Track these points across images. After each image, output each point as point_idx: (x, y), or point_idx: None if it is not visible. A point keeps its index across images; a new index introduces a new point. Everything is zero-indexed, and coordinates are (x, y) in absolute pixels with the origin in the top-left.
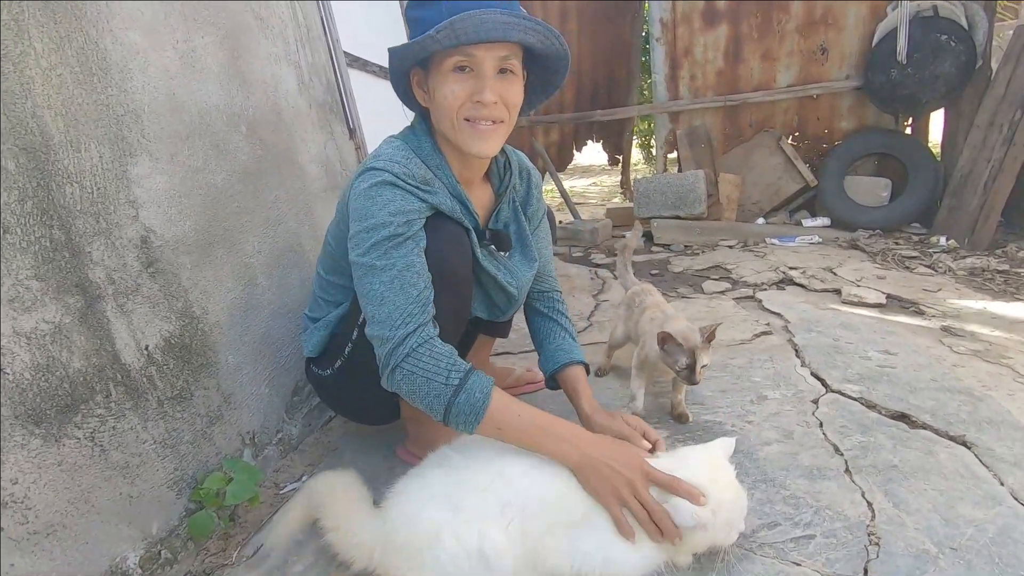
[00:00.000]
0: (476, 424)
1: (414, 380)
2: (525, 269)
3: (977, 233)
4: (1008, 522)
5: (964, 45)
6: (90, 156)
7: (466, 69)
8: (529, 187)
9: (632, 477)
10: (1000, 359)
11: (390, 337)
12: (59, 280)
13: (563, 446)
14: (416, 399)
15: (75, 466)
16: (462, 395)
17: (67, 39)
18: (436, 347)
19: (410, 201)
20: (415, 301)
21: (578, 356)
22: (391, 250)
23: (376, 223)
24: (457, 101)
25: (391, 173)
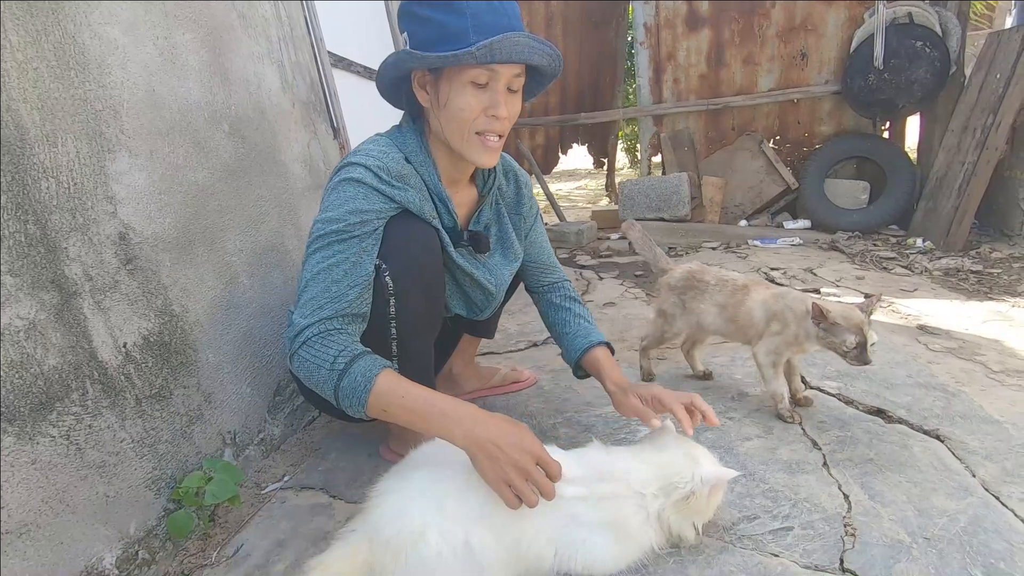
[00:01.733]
0: (362, 407)
1: (307, 367)
2: (504, 267)
3: (952, 235)
4: (979, 512)
5: (938, 51)
6: (67, 151)
7: (482, 83)
8: (519, 187)
9: (519, 460)
10: (973, 356)
11: (296, 323)
12: (34, 276)
13: (449, 426)
14: (312, 385)
15: (50, 465)
16: (346, 379)
17: (44, 33)
18: (331, 337)
19: (372, 201)
20: (331, 297)
21: (597, 338)
22: (332, 243)
23: (330, 216)
24: (472, 114)
25: (364, 167)
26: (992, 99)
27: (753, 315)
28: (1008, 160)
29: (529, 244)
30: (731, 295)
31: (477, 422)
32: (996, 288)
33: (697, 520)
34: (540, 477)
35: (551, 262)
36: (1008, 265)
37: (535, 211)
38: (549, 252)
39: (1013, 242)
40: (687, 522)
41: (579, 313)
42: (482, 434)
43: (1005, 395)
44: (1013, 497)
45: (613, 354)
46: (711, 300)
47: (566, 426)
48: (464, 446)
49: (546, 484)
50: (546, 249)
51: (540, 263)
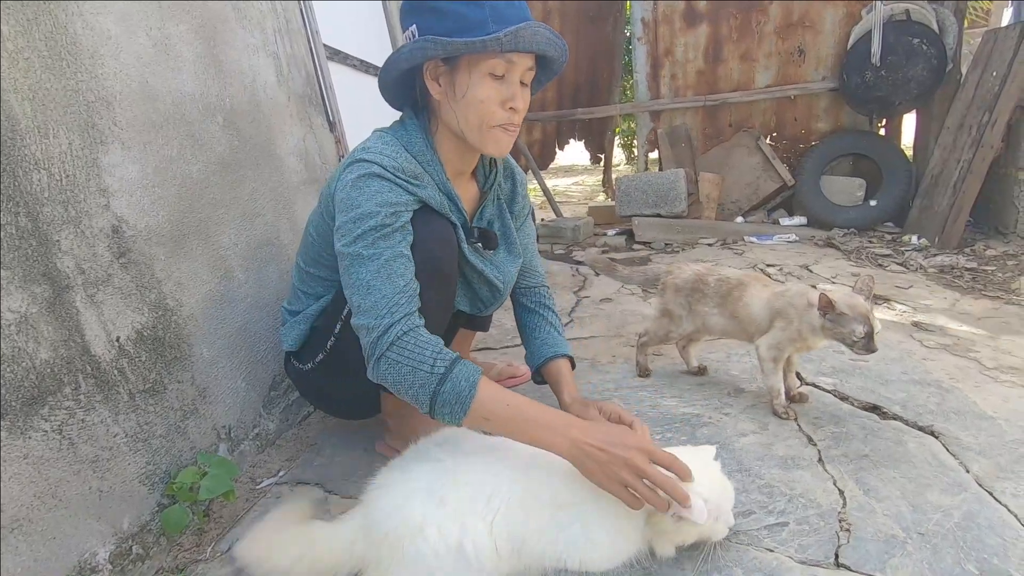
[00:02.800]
0: (463, 415)
1: (399, 369)
2: (510, 264)
3: (947, 232)
4: (972, 508)
5: (935, 48)
6: (59, 143)
7: (500, 75)
8: (515, 185)
9: (629, 456)
10: (967, 353)
11: (376, 326)
12: (25, 269)
13: (553, 436)
14: (402, 389)
15: (42, 459)
16: (448, 383)
17: (34, 22)
18: (422, 336)
19: (398, 193)
20: (402, 291)
21: (562, 350)
22: (379, 240)
23: (364, 212)
24: (491, 106)
25: (380, 165)
26: (988, 97)
27: (753, 312)
28: (1003, 158)
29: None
30: (729, 292)
31: (580, 429)
32: (990, 285)
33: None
34: (656, 473)
35: (533, 264)
36: (1003, 262)
37: (527, 211)
38: (533, 254)
39: (1008, 240)
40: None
41: (551, 321)
42: (587, 440)
43: (999, 391)
44: (1006, 493)
45: (574, 368)
46: (713, 301)
47: None
48: (569, 455)
49: (664, 479)
50: (531, 249)
51: (524, 265)
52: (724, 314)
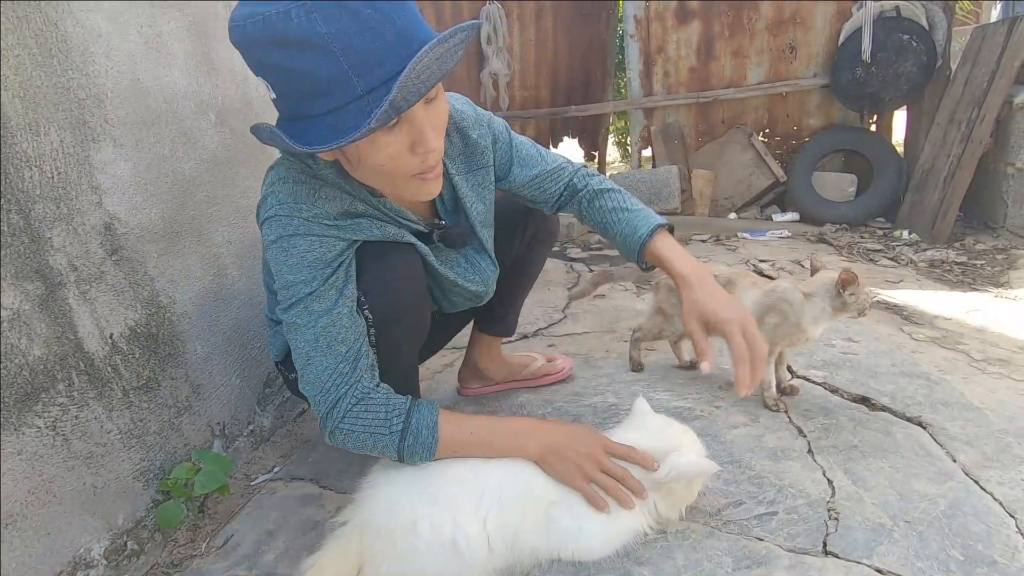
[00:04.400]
0: (431, 457)
1: (357, 437)
2: (484, 259)
3: (937, 227)
4: (959, 496)
5: (925, 45)
6: (50, 140)
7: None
8: (463, 134)
9: (591, 452)
10: (956, 345)
11: (321, 401)
12: (17, 266)
13: (520, 442)
14: (366, 450)
15: (35, 455)
16: (409, 437)
17: (25, 20)
18: (372, 400)
19: (328, 246)
20: (344, 359)
21: (644, 229)
22: (312, 304)
23: (292, 280)
24: (399, 162)
25: (299, 218)
26: (977, 93)
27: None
28: (993, 153)
29: (519, 167)
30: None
31: (544, 431)
32: (980, 279)
33: (680, 505)
34: (613, 467)
35: (552, 164)
36: (992, 257)
37: (498, 138)
38: (543, 157)
39: (997, 234)
40: (672, 507)
41: (611, 206)
42: (550, 440)
43: (986, 383)
44: (992, 481)
45: (672, 232)
46: None
47: (556, 416)
48: (537, 456)
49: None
50: (537, 156)
51: (541, 174)
52: None
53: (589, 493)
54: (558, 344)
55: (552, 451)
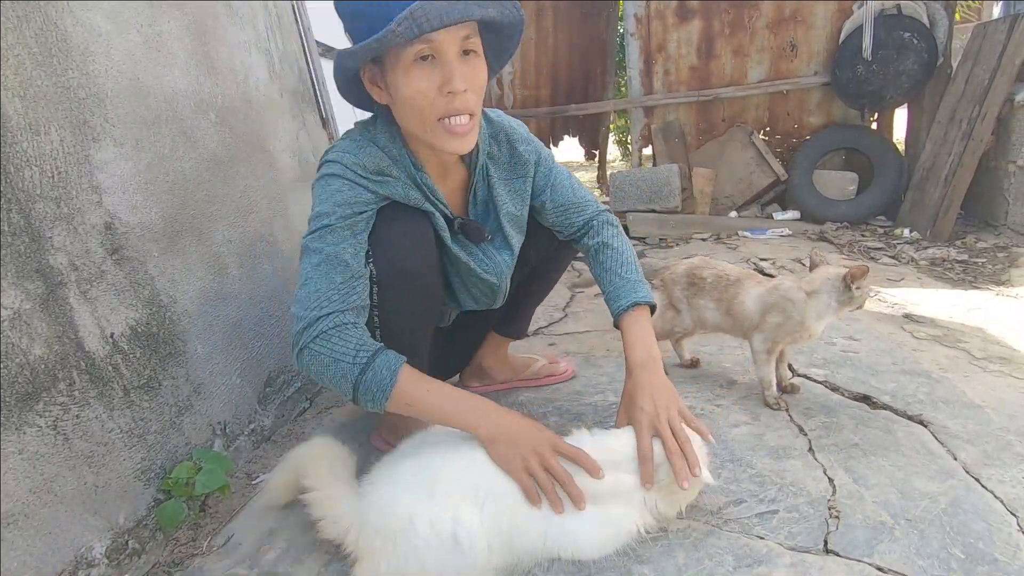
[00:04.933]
0: (384, 401)
1: (321, 360)
2: (505, 252)
3: (938, 225)
4: (959, 494)
5: (926, 43)
6: (50, 140)
7: (428, 58)
8: (512, 146)
9: (539, 447)
10: (957, 343)
11: (303, 317)
12: (18, 265)
13: (472, 418)
14: (324, 379)
15: (37, 455)
16: (369, 373)
17: (25, 19)
18: (348, 332)
19: (357, 192)
20: (336, 288)
21: (626, 300)
22: (325, 235)
23: (320, 212)
24: (427, 99)
25: (340, 164)
26: (978, 90)
27: (747, 309)
28: (993, 151)
29: (551, 190)
30: (725, 290)
31: (499, 414)
32: (981, 277)
33: (681, 503)
34: (557, 467)
35: (579, 198)
36: (993, 255)
37: (542, 160)
38: (576, 190)
39: (998, 232)
40: (672, 506)
41: (609, 267)
42: (503, 424)
43: (987, 381)
44: (992, 479)
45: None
46: (709, 296)
47: (556, 415)
48: (485, 437)
49: (563, 474)
50: (572, 188)
51: (566, 204)
52: (720, 310)
53: (526, 485)
54: (559, 343)
55: (502, 436)
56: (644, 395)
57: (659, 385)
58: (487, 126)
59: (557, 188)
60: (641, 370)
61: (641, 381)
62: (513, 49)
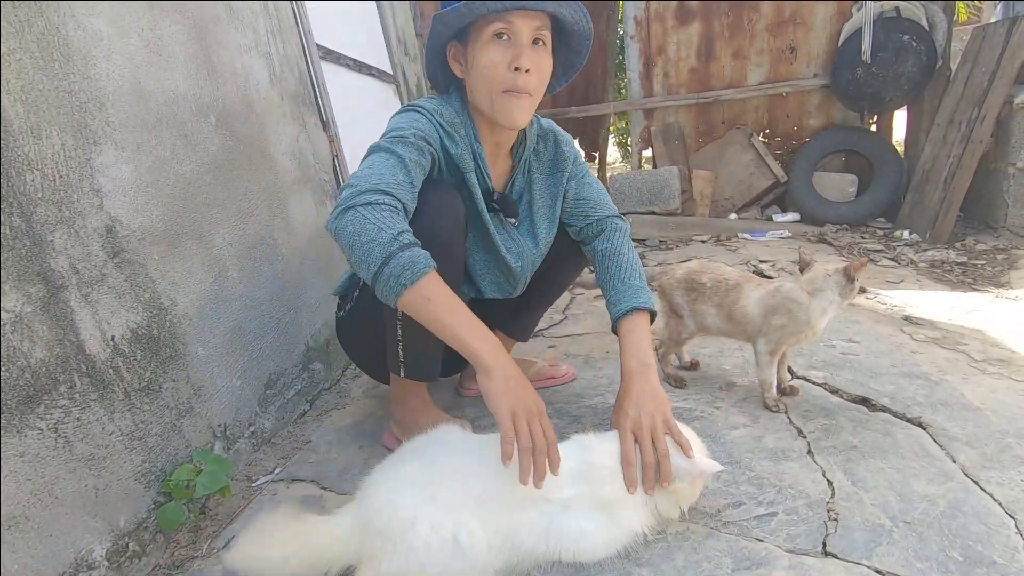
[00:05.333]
0: (409, 284)
1: (363, 224)
2: (529, 242)
3: (938, 227)
4: (958, 496)
5: (925, 45)
6: (52, 143)
7: (503, 37)
8: (558, 146)
9: (531, 403)
10: (956, 346)
11: (359, 186)
12: (19, 268)
13: (480, 344)
14: (356, 244)
15: (38, 457)
16: (406, 253)
17: (27, 23)
18: (399, 214)
19: (430, 130)
20: (399, 183)
21: (625, 305)
22: (398, 143)
23: (396, 127)
24: (498, 70)
25: (423, 107)
26: (977, 93)
27: (748, 312)
28: (993, 153)
29: (577, 184)
30: (726, 295)
31: (507, 358)
32: (980, 279)
33: (682, 504)
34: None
35: (599, 198)
36: (992, 257)
37: (578, 159)
38: (597, 190)
39: (997, 234)
40: (672, 506)
41: (613, 272)
42: (508, 366)
43: (986, 383)
44: (991, 482)
45: (653, 320)
46: (710, 301)
47: (555, 416)
48: (488, 364)
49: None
50: (595, 188)
51: (588, 198)
52: (721, 315)
53: (508, 429)
54: (559, 345)
55: (502, 373)
56: (631, 402)
57: (649, 393)
58: (538, 127)
59: (583, 184)
60: (633, 377)
61: (631, 388)
62: (579, 64)
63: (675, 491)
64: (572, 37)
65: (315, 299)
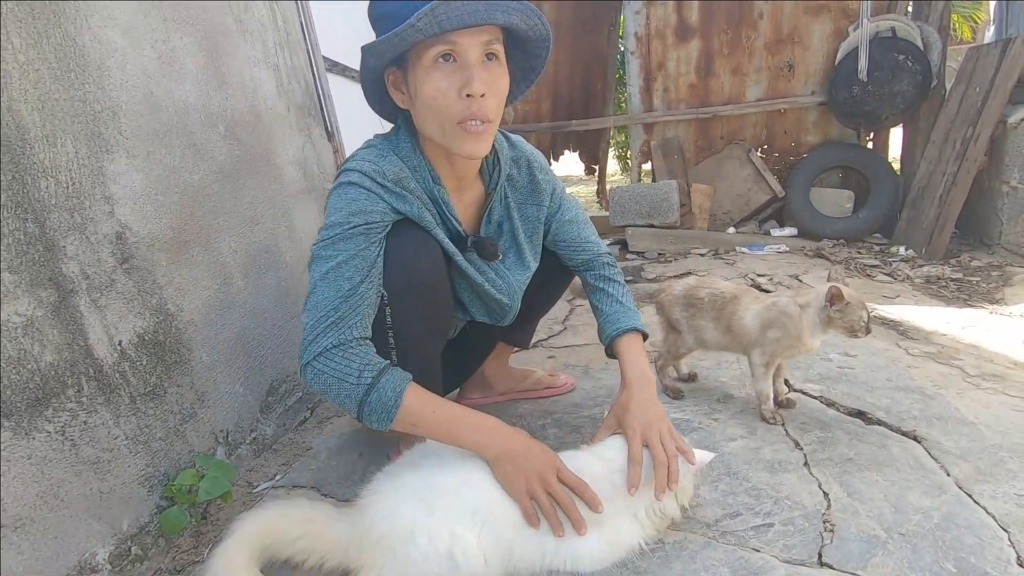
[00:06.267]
0: (389, 421)
1: (325, 380)
2: (518, 272)
3: (933, 243)
4: (952, 509)
5: (920, 65)
6: (66, 151)
7: (449, 59)
8: (532, 173)
9: (543, 470)
10: (951, 361)
11: (310, 329)
12: (32, 273)
13: (478, 438)
14: (329, 397)
15: (45, 460)
16: (374, 394)
17: (45, 35)
18: (351, 350)
19: (373, 201)
20: (344, 296)
21: (624, 325)
22: (338, 242)
23: (334, 220)
24: (446, 100)
25: (360, 172)
26: (972, 112)
27: (746, 325)
28: (987, 171)
29: (557, 225)
30: (723, 308)
31: (503, 435)
32: (975, 295)
33: (682, 499)
34: (560, 490)
35: (583, 237)
36: (987, 273)
37: (556, 192)
38: (581, 228)
39: (992, 251)
40: (674, 502)
41: (612, 293)
42: (507, 446)
43: (981, 398)
44: (985, 495)
45: (646, 339)
46: (708, 316)
47: (555, 427)
48: (490, 457)
49: (565, 498)
50: (577, 225)
51: (570, 240)
52: (719, 328)
53: (527, 507)
54: (558, 356)
55: (507, 456)
56: (638, 406)
57: (651, 401)
58: (510, 150)
59: (563, 224)
60: (637, 384)
61: (636, 394)
62: (540, 67)
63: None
64: (528, 43)
65: None
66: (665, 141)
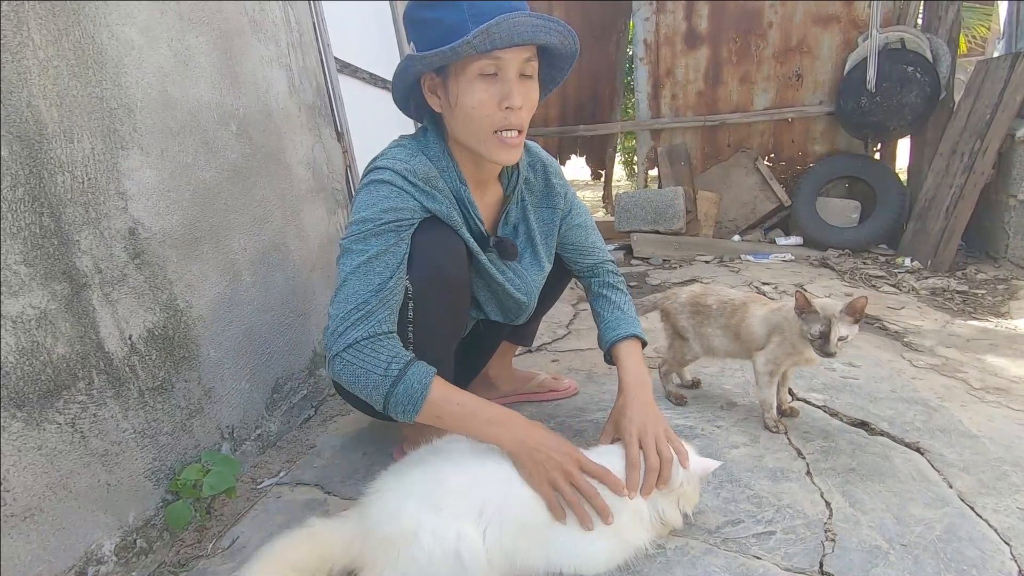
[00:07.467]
0: (415, 413)
1: (353, 371)
2: (535, 272)
3: (939, 255)
4: (954, 521)
5: (929, 77)
6: (82, 147)
7: (491, 74)
8: (547, 177)
9: (564, 462)
10: (955, 373)
11: (339, 320)
12: (47, 266)
13: (499, 431)
14: (355, 389)
15: (55, 451)
16: (401, 385)
17: (64, 32)
18: (381, 343)
19: (404, 199)
20: (375, 291)
21: (624, 331)
22: (369, 237)
23: (364, 216)
24: (486, 111)
25: (391, 171)
26: (980, 125)
27: (753, 330)
28: (994, 184)
29: (567, 228)
30: (732, 315)
31: (524, 428)
32: (980, 308)
33: (685, 505)
34: (583, 482)
35: (589, 242)
36: (993, 286)
37: (568, 196)
38: (588, 233)
39: (998, 264)
40: (675, 509)
41: (613, 300)
42: (528, 439)
43: (984, 411)
44: (987, 508)
45: (645, 346)
46: (716, 323)
47: (557, 430)
48: (512, 450)
49: (589, 488)
50: (585, 231)
51: (577, 244)
52: (728, 335)
53: (550, 498)
54: (562, 359)
55: (527, 449)
56: (636, 410)
57: (649, 403)
58: (526, 155)
59: (573, 227)
60: (635, 388)
61: (634, 398)
62: (561, 79)
63: (681, 495)
64: (558, 59)
65: (323, 306)
66: (672, 148)
